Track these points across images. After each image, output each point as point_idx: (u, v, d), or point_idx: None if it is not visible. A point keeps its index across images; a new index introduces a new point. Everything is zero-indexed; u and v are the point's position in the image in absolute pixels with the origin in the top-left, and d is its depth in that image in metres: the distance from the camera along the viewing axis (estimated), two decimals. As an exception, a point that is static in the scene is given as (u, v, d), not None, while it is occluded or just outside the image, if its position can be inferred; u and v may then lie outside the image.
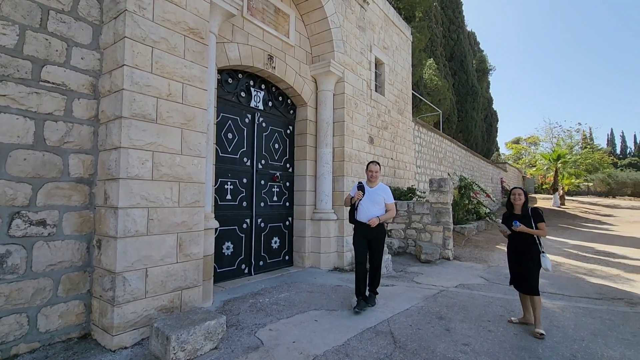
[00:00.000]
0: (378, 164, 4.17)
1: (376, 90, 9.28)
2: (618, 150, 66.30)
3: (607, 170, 30.83)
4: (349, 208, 4.20)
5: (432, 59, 16.60)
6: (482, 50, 26.30)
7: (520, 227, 3.56)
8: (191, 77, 3.50)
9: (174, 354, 2.58)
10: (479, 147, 21.55)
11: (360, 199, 4.00)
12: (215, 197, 4.68)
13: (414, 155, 11.15)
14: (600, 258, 8.07)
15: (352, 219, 4.14)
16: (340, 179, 6.10)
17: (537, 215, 3.63)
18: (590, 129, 40.14)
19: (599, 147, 34.84)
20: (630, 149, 68.09)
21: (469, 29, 23.98)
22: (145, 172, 3.07)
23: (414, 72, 13.07)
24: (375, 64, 9.24)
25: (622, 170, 38.05)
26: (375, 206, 4.00)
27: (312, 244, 5.99)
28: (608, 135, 71.24)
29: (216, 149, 4.69)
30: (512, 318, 3.75)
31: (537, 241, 3.59)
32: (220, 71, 4.80)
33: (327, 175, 6.02)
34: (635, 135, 77.08)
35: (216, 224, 4.04)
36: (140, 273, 3.00)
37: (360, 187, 4.04)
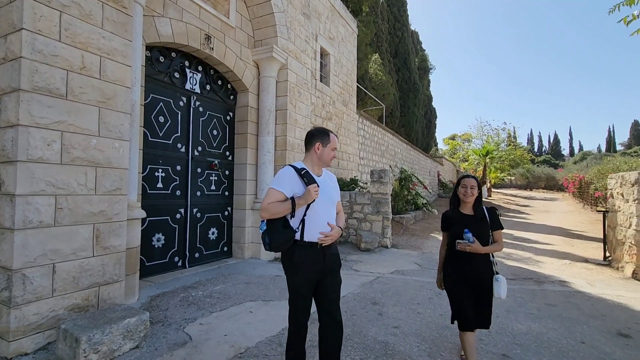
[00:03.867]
0: (335, 135, 2.26)
1: (321, 81, 9.26)
2: (536, 149, 75.24)
3: (527, 166, 34.65)
4: (276, 218, 2.02)
5: (377, 54, 17.03)
6: (424, 50, 27.61)
7: (474, 244, 2.37)
8: (111, 50, 3.13)
9: (85, 356, 2.32)
10: (419, 142, 22.75)
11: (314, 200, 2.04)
12: (143, 185, 4.32)
13: (357, 147, 11.40)
14: (517, 243, 9.01)
15: (289, 240, 2.03)
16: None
17: (495, 221, 2.52)
18: (514, 128, 44.79)
19: (521, 145, 38.98)
20: (545, 147, 77.77)
21: (412, 28, 25.01)
22: (52, 155, 2.69)
23: (360, 66, 13.29)
24: (321, 54, 9.20)
25: (538, 166, 43.03)
26: (332, 208, 2.24)
27: (253, 234, 5.84)
28: (528, 134, 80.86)
29: (145, 132, 4.31)
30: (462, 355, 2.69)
31: (492, 259, 2.54)
32: (150, 48, 4.40)
33: (269, 164, 5.88)
34: (549, 136, 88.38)
35: (142, 213, 3.72)
36: (45, 269, 2.64)
37: (307, 176, 2.07)
